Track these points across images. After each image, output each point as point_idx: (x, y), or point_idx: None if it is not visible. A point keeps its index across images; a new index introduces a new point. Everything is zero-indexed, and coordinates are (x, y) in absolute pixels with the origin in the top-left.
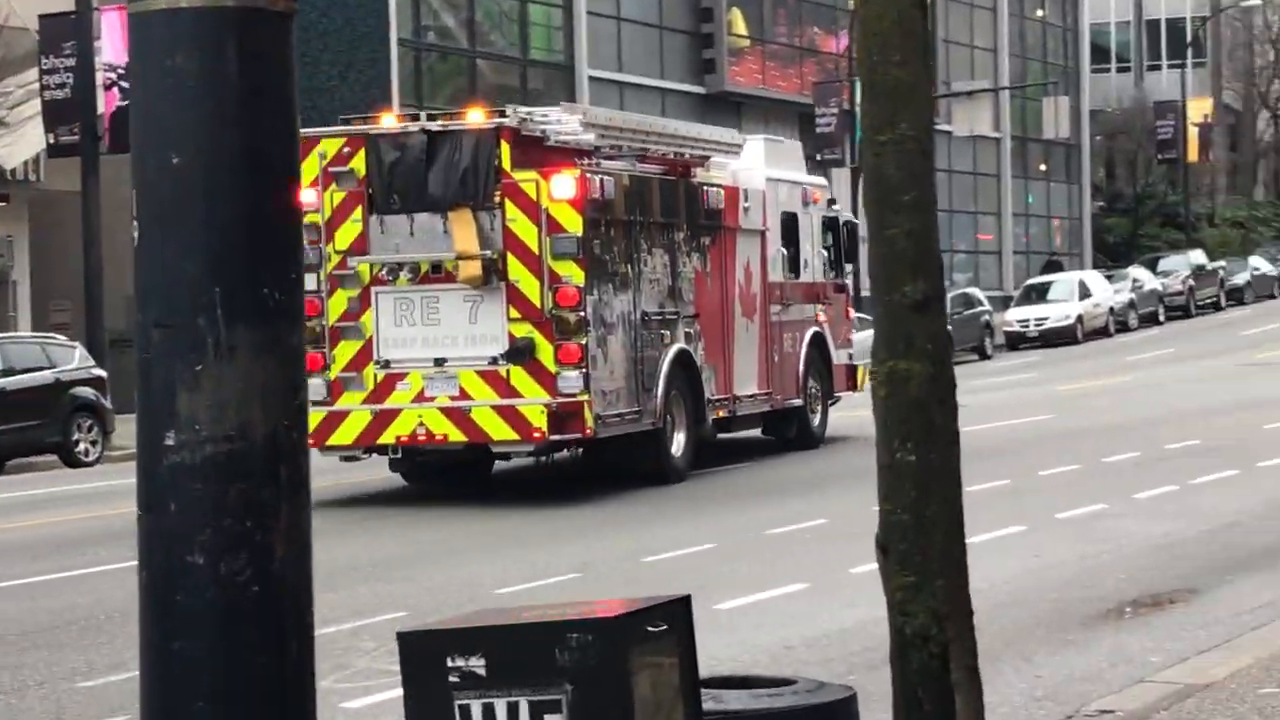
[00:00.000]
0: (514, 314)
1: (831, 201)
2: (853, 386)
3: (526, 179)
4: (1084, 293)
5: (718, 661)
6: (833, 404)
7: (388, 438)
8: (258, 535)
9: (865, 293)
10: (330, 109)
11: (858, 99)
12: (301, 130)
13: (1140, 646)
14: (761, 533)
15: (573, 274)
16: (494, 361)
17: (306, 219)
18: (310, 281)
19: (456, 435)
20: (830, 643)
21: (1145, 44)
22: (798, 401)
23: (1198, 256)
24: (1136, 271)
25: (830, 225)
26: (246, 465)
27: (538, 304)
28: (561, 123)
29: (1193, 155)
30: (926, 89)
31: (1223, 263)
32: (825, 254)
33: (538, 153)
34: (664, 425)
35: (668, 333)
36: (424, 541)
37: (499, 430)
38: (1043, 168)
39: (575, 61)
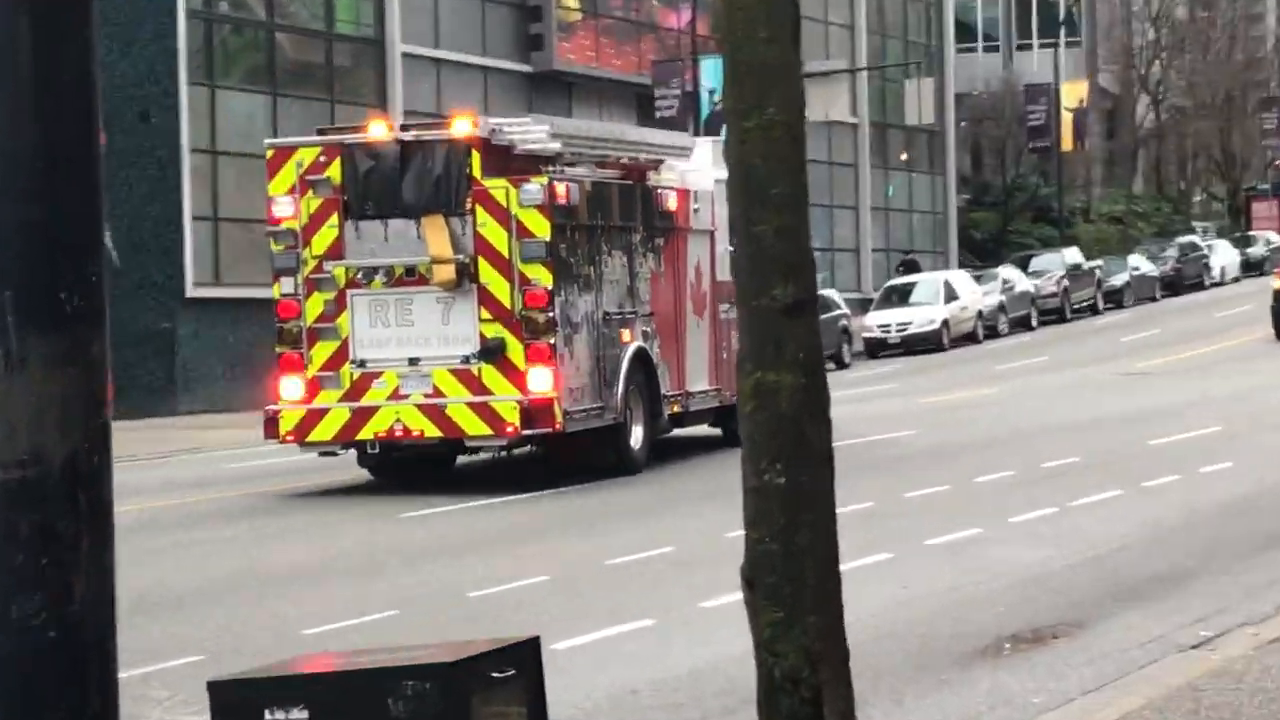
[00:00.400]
0: (485, 315)
1: None
2: None
3: (496, 186)
4: (950, 295)
5: (551, 708)
6: None
7: (366, 434)
8: (54, 573)
9: None
10: (110, 86)
11: (702, 80)
12: (278, 140)
13: (1021, 686)
14: (603, 562)
15: (541, 276)
16: (466, 360)
17: (284, 225)
18: (288, 285)
19: (433, 431)
20: (680, 686)
21: (1015, 21)
22: None
23: (1073, 255)
24: (1006, 271)
25: None
26: (41, 494)
27: (508, 305)
28: (529, 132)
29: (1067, 144)
30: (797, 69)
31: (1100, 262)
32: None
33: (506, 161)
34: (624, 420)
35: (626, 331)
36: (230, 571)
37: (473, 426)
38: (904, 157)
39: (386, 36)
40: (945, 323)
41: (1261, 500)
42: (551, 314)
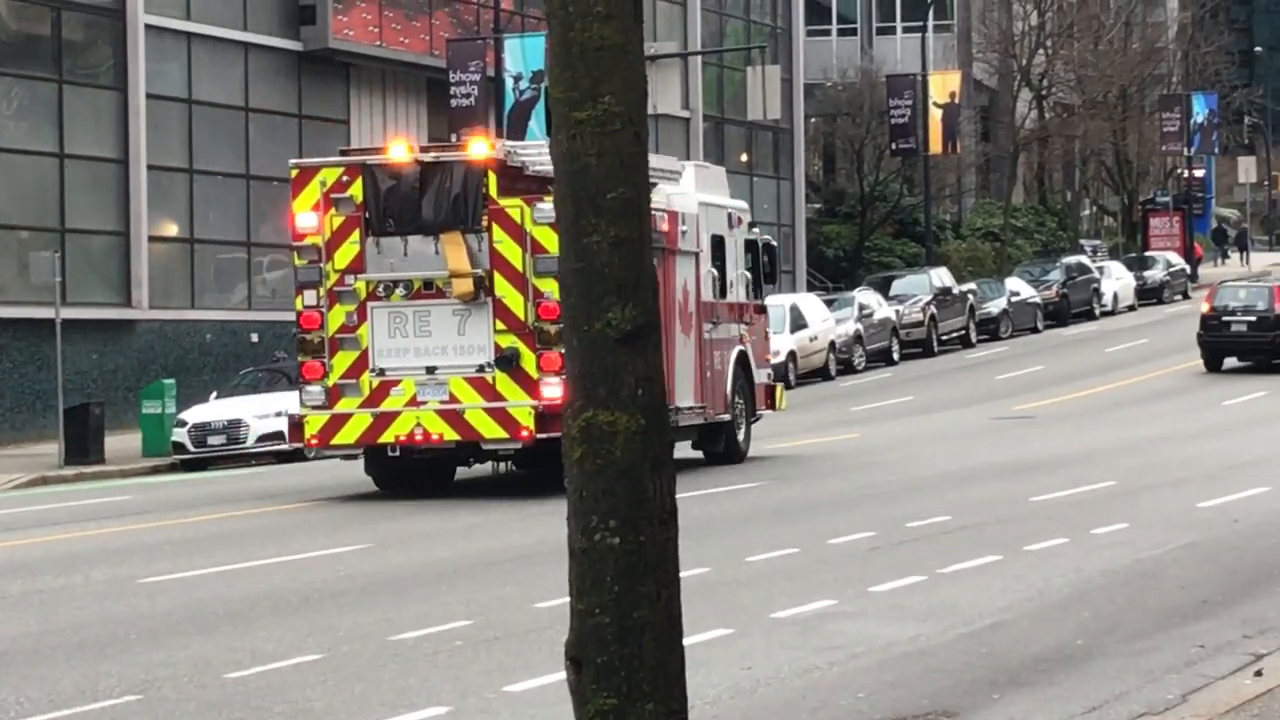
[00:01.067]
0: (500, 326)
1: (752, 225)
2: (771, 405)
3: (511, 205)
4: (797, 322)
5: None
6: (754, 421)
7: (388, 436)
8: None
9: None
10: None
11: (506, 63)
12: (303, 160)
13: None
14: (386, 639)
15: (553, 290)
16: (482, 369)
17: (307, 240)
18: (310, 297)
19: (451, 434)
20: None
21: (875, 1)
22: (726, 416)
23: (941, 277)
24: (864, 295)
25: (750, 247)
26: None
27: (522, 317)
28: (542, 154)
29: (935, 145)
30: (639, 51)
31: (972, 286)
32: (747, 276)
33: (518, 181)
34: None
35: None
36: None
37: (490, 430)
38: (744, 158)
39: (128, 6)
40: (791, 355)
41: (1162, 568)
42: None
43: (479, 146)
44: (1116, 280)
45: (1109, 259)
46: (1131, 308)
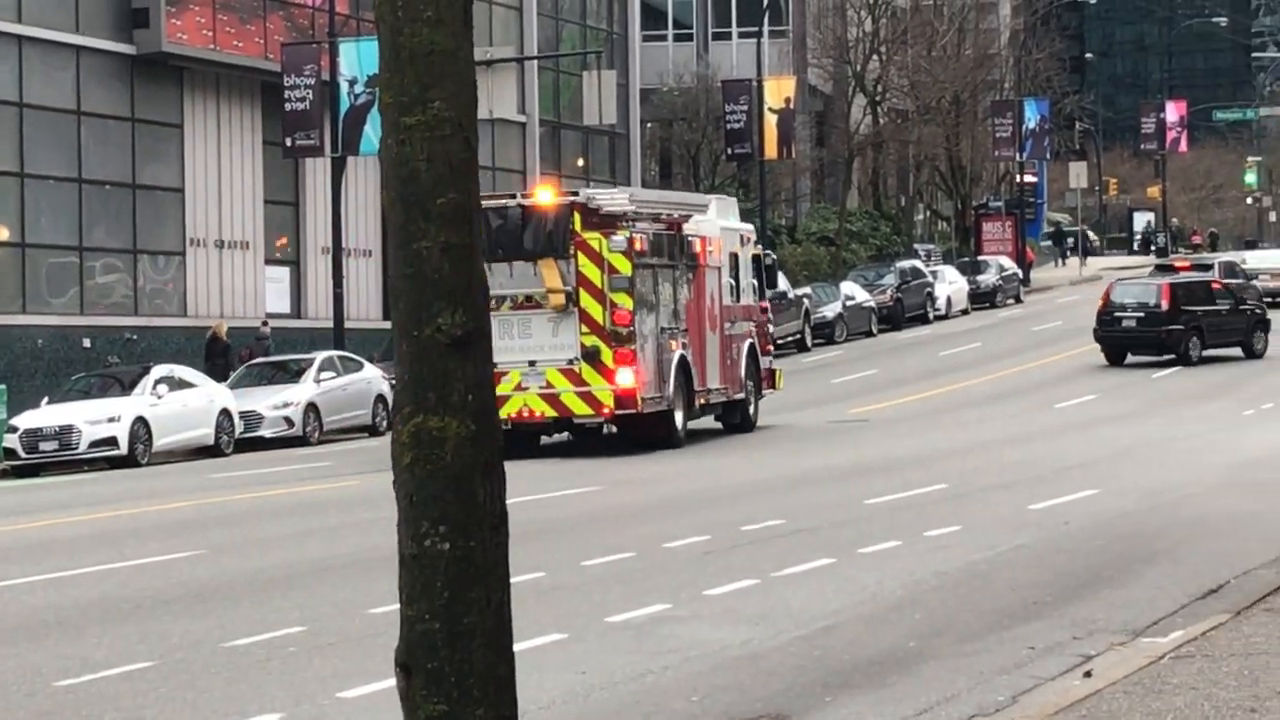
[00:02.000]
0: (584, 330)
1: (756, 243)
2: (772, 386)
3: (592, 237)
4: None
5: None
6: (761, 399)
7: (503, 414)
8: None
9: None
10: None
11: (341, 67)
12: None
13: None
14: (219, 646)
15: (625, 302)
16: (571, 362)
17: None
18: None
19: (550, 412)
20: None
21: (711, 7)
22: (741, 395)
23: (778, 281)
24: None
25: (755, 260)
26: None
27: (601, 322)
28: (614, 199)
29: (770, 151)
30: (469, 56)
31: (808, 290)
32: (754, 283)
33: (595, 218)
34: (673, 408)
35: (673, 342)
36: None
37: (580, 408)
38: (580, 163)
39: None
40: None
41: (993, 570)
42: (631, 329)
43: (554, 194)
44: (950, 284)
45: (943, 263)
46: (965, 311)
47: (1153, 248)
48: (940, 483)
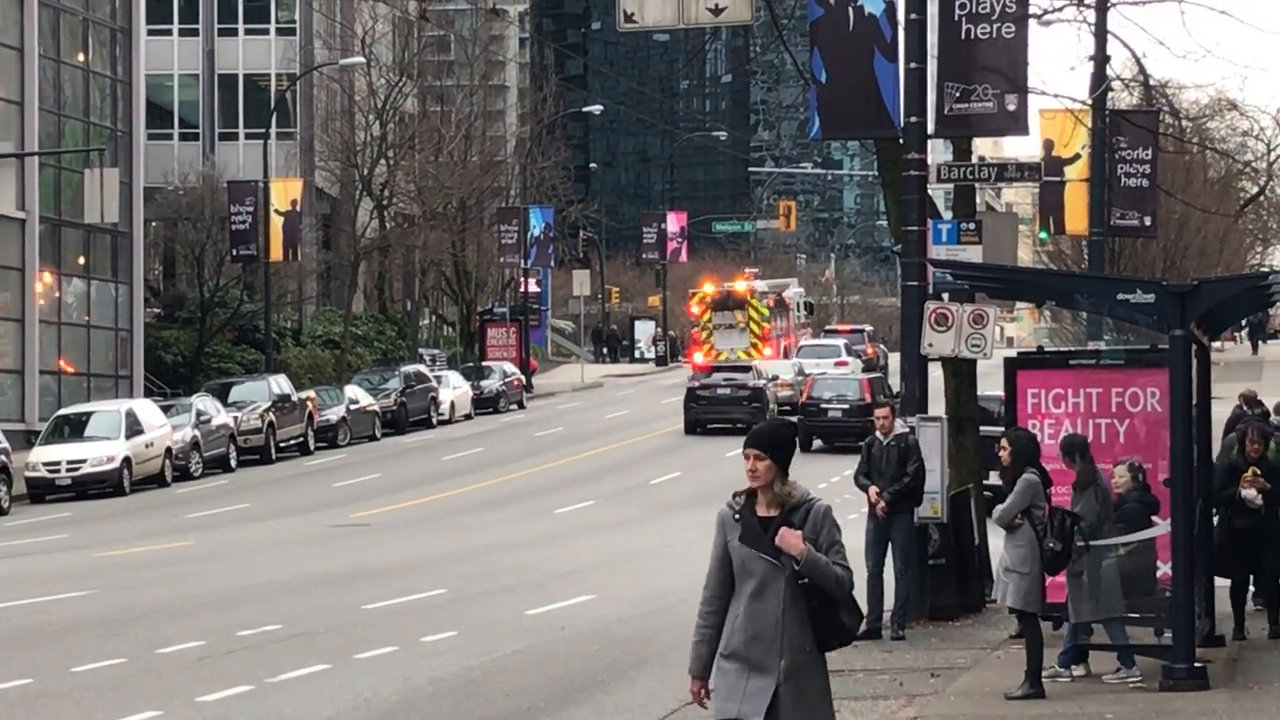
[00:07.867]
0: (753, 341)
1: (805, 298)
2: None
3: (754, 301)
4: (134, 428)
5: None
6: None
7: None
8: None
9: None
10: None
11: None
12: (698, 290)
13: None
14: None
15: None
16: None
17: (700, 315)
18: (702, 334)
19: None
20: None
21: (218, 106)
22: None
23: (281, 384)
24: (202, 402)
25: (807, 306)
26: None
27: (757, 333)
28: (789, 288)
29: (276, 252)
30: None
31: (312, 393)
32: (805, 319)
33: (755, 296)
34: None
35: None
36: None
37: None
38: (81, 260)
39: None
40: (127, 461)
41: (489, 675)
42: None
43: (743, 284)
44: (454, 389)
45: (447, 368)
46: (469, 416)
47: (649, 357)
48: (439, 588)
